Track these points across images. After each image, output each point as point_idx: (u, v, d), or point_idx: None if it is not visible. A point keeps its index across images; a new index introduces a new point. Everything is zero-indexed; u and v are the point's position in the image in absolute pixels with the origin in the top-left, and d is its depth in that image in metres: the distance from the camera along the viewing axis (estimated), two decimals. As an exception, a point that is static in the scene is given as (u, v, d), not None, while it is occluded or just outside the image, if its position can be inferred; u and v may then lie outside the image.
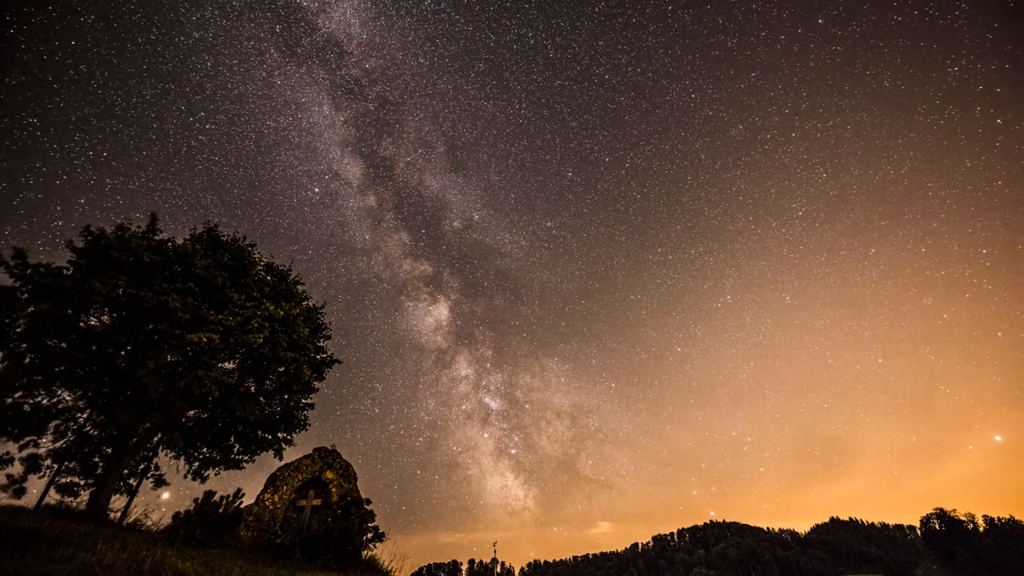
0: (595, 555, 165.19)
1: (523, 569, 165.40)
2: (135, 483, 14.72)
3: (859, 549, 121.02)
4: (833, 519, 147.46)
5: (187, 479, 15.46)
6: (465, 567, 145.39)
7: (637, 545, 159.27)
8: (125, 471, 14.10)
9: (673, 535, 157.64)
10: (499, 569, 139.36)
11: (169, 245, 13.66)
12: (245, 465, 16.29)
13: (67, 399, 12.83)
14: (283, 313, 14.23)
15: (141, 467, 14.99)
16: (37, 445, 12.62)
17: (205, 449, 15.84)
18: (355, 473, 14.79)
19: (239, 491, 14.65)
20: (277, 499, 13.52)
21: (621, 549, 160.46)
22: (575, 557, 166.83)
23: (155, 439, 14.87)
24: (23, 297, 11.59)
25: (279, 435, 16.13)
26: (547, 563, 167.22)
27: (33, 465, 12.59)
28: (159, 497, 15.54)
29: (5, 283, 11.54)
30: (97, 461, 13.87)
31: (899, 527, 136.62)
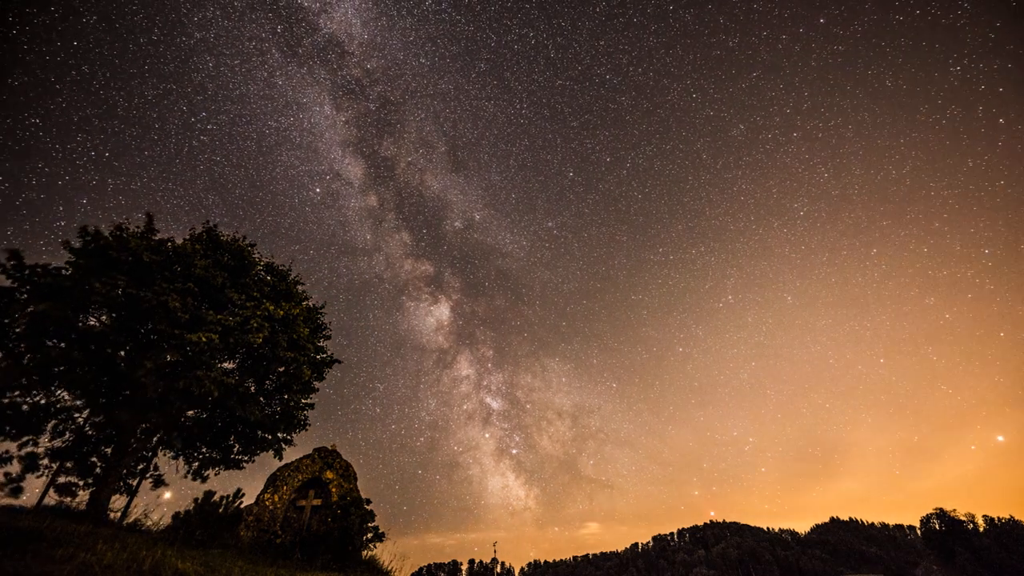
0: (595, 555, 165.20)
1: (523, 569, 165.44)
2: (135, 483, 14.69)
3: (859, 549, 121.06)
4: (833, 519, 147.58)
5: (187, 479, 15.45)
6: (465, 567, 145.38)
7: (637, 545, 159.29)
8: (124, 471, 14.07)
9: (673, 535, 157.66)
10: (499, 569, 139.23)
11: (169, 245, 13.63)
12: (245, 465, 16.27)
13: (66, 399, 12.82)
14: (283, 313, 14.22)
15: (140, 467, 14.96)
16: (36, 444, 12.61)
17: (205, 449, 15.81)
18: (355, 473, 14.77)
19: (239, 491, 14.64)
20: (277, 499, 13.50)
21: (621, 549, 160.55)
22: (575, 557, 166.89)
23: (154, 439, 14.85)
24: (22, 298, 11.57)
25: (279, 435, 16.11)
26: (547, 563, 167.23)
27: (31, 464, 12.58)
28: (160, 497, 15.52)
29: (3, 284, 11.53)
30: (96, 461, 13.85)
31: (899, 527, 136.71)
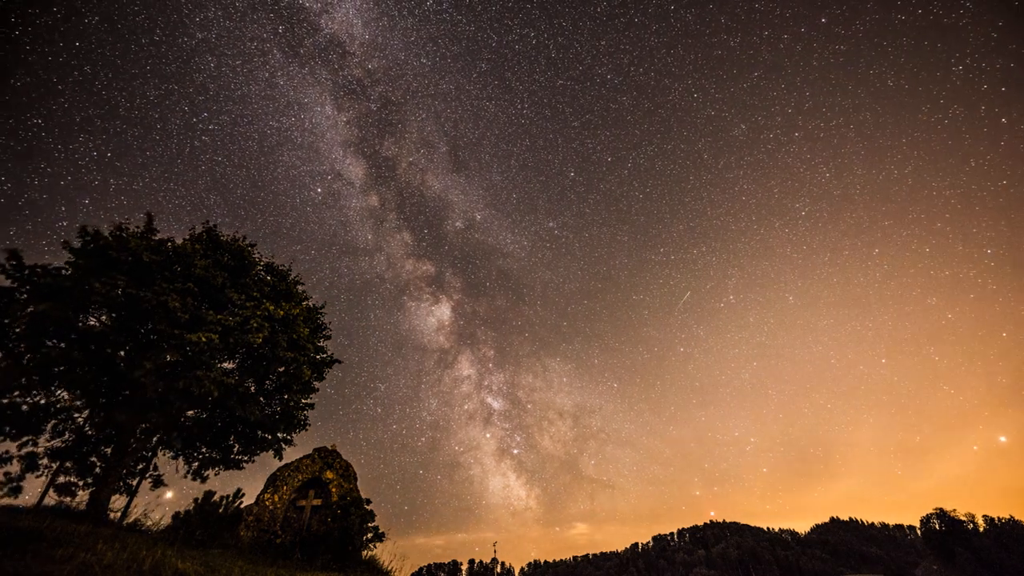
0: (595, 555, 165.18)
1: (523, 569, 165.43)
2: (135, 483, 14.69)
3: (859, 549, 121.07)
4: (833, 519, 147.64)
5: (187, 479, 15.44)
6: (465, 567, 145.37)
7: (637, 545, 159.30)
8: (124, 471, 14.06)
9: (673, 535, 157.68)
10: (499, 569, 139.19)
11: (169, 245, 13.62)
12: (245, 465, 16.26)
13: (66, 399, 12.81)
14: (283, 313, 14.21)
15: (140, 467, 14.96)
16: (35, 444, 12.61)
17: (205, 449, 15.80)
18: (355, 473, 14.77)
19: (239, 491, 14.64)
20: (277, 499, 13.50)
21: (620, 549, 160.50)
22: (575, 557, 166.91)
23: (154, 439, 14.84)
24: (22, 298, 11.57)
25: (279, 435, 16.10)
26: (547, 563, 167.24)
27: (31, 464, 12.57)
28: (160, 497, 15.51)
29: (3, 284, 11.52)
30: (96, 461, 13.84)
31: (899, 527, 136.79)
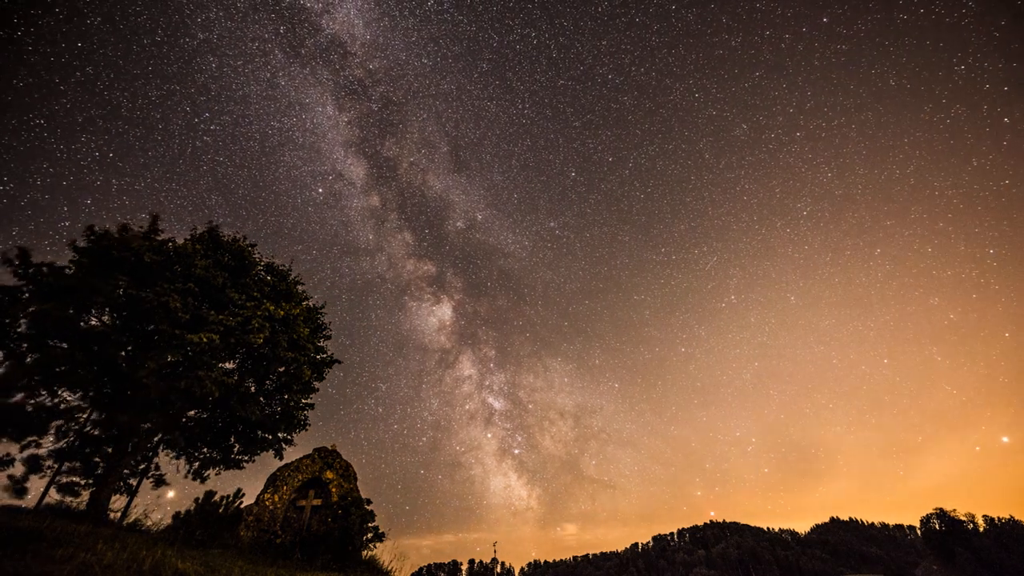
0: (595, 555, 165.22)
1: (523, 569, 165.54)
2: (135, 483, 14.75)
3: (859, 549, 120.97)
4: (833, 519, 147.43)
5: (187, 479, 15.50)
6: (465, 567, 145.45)
7: (637, 545, 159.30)
8: (125, 471, 14.12)
9: (673, 535, 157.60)
10: (499, 569, 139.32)
11: (170, 245, 13.67)
12: (245, 465, 16.32)
13: (68, 399, 12.86)
14: (283, 313, 14.25)
15: (141, 467, 15.02)
16: (39, 445, 12.65)
17: (205, 449, 15.86)
18: (355, 473, 14.81)
19: (239, 491, 14.68)
20: (277, 499, 13.54)
21: (621, 549, 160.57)
22: (575, 557, 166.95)
23: (155, 439, 14.89)
24: (25, 297, 11.62)
25: (279, 435, 16.16)
26: (547, 563, 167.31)
27: (34, 466, 12.62)
28: (160, 497, 15.59)
29: (8, 282, 11.57)
30: (98, 461, 13.89)
31: (899, 527, 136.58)
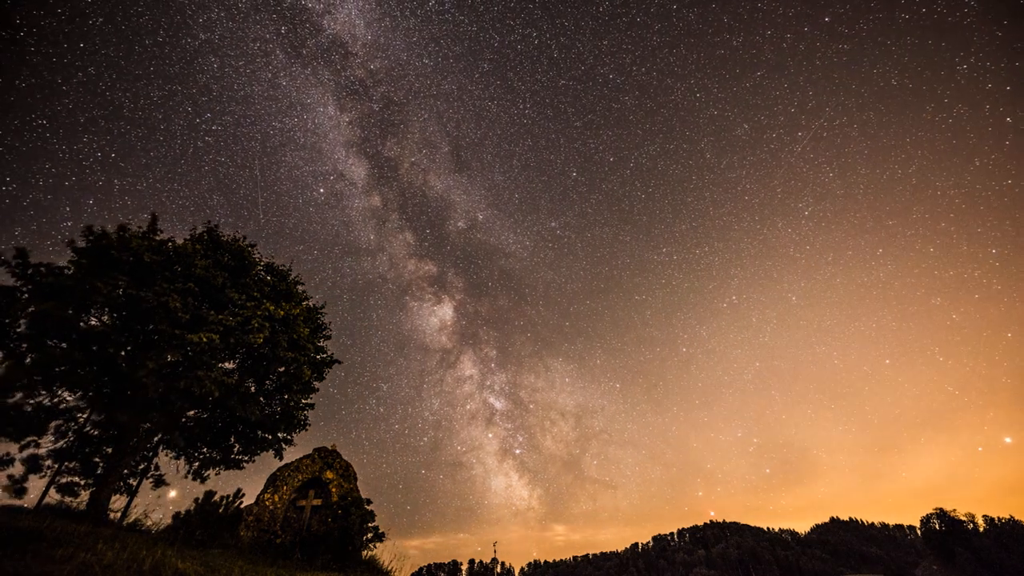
0: (595, 555, 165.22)
1: (523, 569, 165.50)
2: (135, 483, 14.73)
3: (859, 549, 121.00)
4: (833, 519, 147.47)
5: (187, 479, 15.49)
6: (465, 567, 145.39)
7: (637, 545, 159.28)
8: (125, 471, 14.11)
9: (673, 535, 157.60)
10: (499, 569, 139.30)
11: (169, 245, 13.66)
12: (245, 465, 16.31)
13: (68, 399, 12.84)
14: (283, 313, 14.24)
15: (141, 467, 15.01)
16: (38, 445, 12.64)
17: (205, 449, 15.85)
18: (355, 473, 14.79)
19: (239, 491, 14.67)
20: (277, 499, 13.52)
21: (621, 549, 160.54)
22: (575, 557, 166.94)
23: (155, 439, 14.88)
24: (24, 297, 11.60)
25: (279, 435, 16.14)
26: (547, 563, 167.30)
27: (34, 465, 12.61)
28: (160, 497, 15.55)
29: (7, 283, 11.56)
30: (97, 461, 13.89)
31: (899, 527, 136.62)
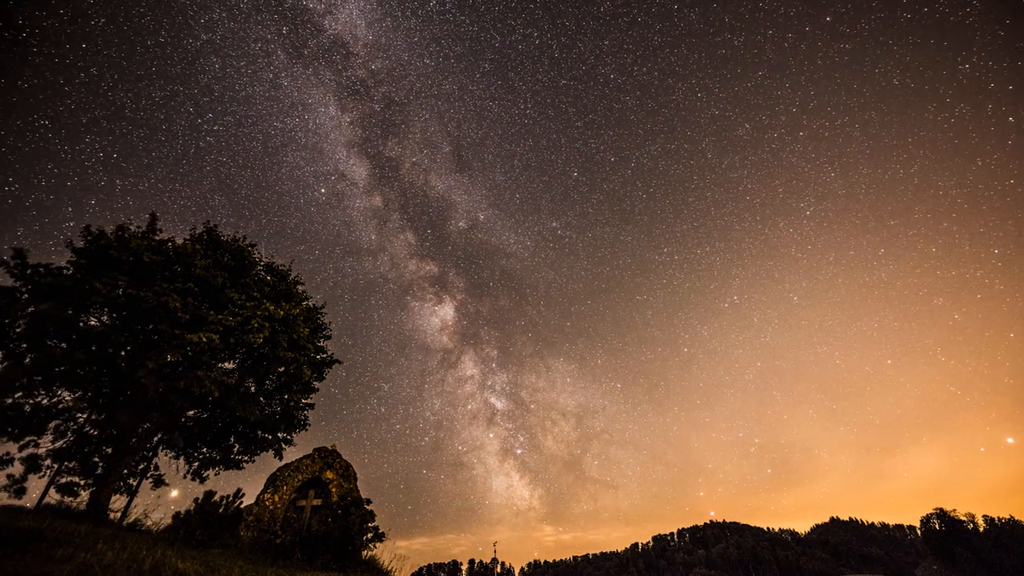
0: (595, 555, 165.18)
1: (523, 569, 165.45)
2: (135, 483, 14.72)
3: (859, 549, 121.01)
4: (833, 519, 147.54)
5: (187, 479, 15.48)
6: (465, 567, 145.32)
7: (637, 545, 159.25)
8: (125, 471, 14.09)
9: (673, 535, 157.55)
10: (499, 569, 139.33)
11: (169, 245, 13.65)
12: (245, 465, 16.30)
13: (67, 399, 12.83)
14: (283, 313, 14.23)
15: (141, 467, 14.99)
16: (37, 445, 12.63)
17: (205, 449, 15.84)
18: (355, 473, 14.79)
19: (239, 491, 14.66)
20: (277, 499, 13.52)
21: (621, 549, 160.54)
22: (575, 557, 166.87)
23: (155, 439, 14.87)
24: (23, 297, 11.59)
25: (279, 435, 16.13)
26: (547, 563, 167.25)
27: (33, 465, 12.60)
28: (161, 497, 15.55)
29: (6, 283, 11.55)
30: (97, 461, 13.88)
31: (899, 527, 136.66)
